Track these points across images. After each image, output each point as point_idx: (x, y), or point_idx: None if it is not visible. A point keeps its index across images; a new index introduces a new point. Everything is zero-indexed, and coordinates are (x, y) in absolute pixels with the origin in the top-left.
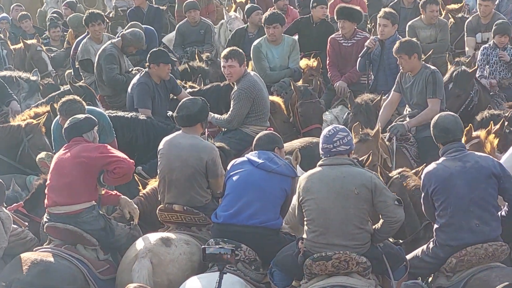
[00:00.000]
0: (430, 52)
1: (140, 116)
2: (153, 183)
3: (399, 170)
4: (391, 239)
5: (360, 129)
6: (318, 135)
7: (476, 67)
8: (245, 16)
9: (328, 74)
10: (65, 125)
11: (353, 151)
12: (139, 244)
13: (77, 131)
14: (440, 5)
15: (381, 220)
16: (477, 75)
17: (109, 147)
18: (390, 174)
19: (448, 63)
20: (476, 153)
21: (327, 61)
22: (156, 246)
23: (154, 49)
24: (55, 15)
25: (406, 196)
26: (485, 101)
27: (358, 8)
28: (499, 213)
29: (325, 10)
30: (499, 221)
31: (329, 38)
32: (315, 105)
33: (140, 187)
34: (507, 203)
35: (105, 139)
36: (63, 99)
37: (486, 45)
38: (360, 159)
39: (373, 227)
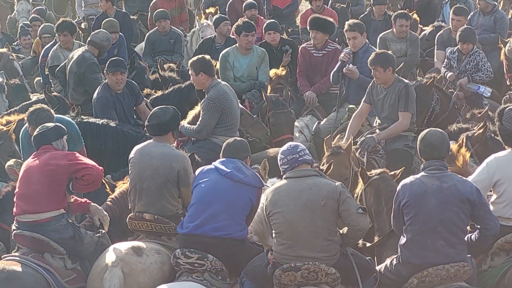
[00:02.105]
0: (401, 65)
1: (111, 123)
2: (121, 186)
3: (379, 170)
4: (360, 241)
5: (332, 142)
6: None
7: (432, 79)
8: (213, 26)
9: (297, 83)
10: (35, 133)
11: (314, 164)
12: (110, 253)
13: (46, 139)
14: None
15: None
16: (443, 73)
17: (77, 154)
18: (369, 174)
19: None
20: (457, 175)
21: (297, 71)
22: (128, 255)
23: (110, 60)
24: (27, 22)
25: (381, 201)
26: (447, 107)
27: (331, 19)
28: (470, 235)
29: (273, 35)
30: (465, 244)
31: (300, 48)
32: (287, 115)
33: (108, 190)
34: (478, 230)
35: (73, 147)
36: (32, 108)
37: (452, 49)
38: (320, 168)
39: (340, 231)
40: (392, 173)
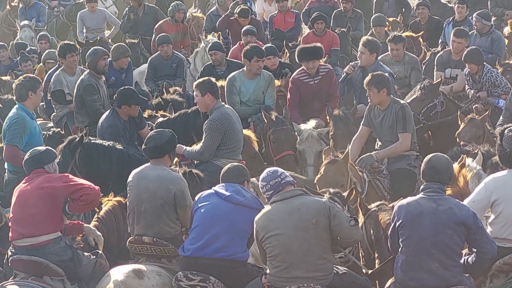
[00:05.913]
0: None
1: (117, 145)
2: (107, 203)
3: (378, 203)
4: (364, 270)
5: (331, 153)
6: (290, 161)
7: (440, 79)
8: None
9: (288, 116)
10: (26, 157)
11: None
12: (112, 276)
13: (38, 163)
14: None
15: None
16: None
17: (71, 176)
18: (368, 207)
19: None
20: (454, 199)
21: (287, 104)
22: (129, 278)
23: (124, 90)
24: (29, 48)
25: (379, 229)
26: (454, 110)
27: (317, 44)
28: (467, 258)
29: (273, 60)
30: (460, 267)
31: (291, 79)
32: (287, 132)
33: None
34: (475, 253)
35: None
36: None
37: (464, 71)
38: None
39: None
40: (391, 205)
